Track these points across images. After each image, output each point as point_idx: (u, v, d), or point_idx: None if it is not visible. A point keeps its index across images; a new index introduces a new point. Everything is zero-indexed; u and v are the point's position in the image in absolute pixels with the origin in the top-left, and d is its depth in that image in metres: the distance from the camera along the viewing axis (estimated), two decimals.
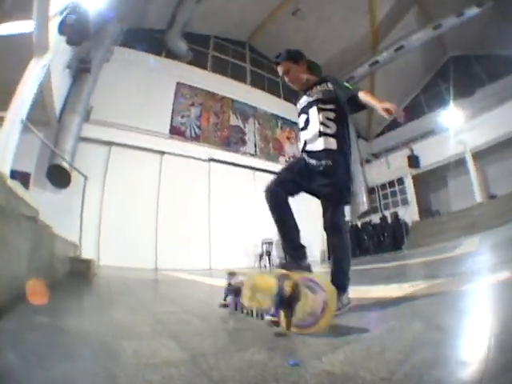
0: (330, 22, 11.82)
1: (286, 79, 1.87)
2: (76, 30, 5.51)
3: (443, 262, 4.06)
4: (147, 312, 2.26)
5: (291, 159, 1.92)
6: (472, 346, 0.95)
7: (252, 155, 10.80)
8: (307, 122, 1.80)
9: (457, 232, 8.79)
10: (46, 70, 5.33)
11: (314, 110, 1.78)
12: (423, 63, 13.58)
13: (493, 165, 11.09)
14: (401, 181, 12.63)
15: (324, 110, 1.75)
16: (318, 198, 1.81)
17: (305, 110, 1.83)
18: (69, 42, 5.77)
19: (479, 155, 10.94)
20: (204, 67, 11.33)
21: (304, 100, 1.87)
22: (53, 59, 5.52)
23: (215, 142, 10.24)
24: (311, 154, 1.76)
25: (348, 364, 0.93)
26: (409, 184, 12.27)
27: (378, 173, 13.48)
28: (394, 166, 12.83)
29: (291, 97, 9.14)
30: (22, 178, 6.48)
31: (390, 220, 11.29)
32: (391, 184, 13.05)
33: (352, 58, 11.85)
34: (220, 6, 11.04)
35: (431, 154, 11.79)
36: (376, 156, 14.49)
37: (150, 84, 9.67)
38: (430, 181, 12.83)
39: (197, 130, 10.02)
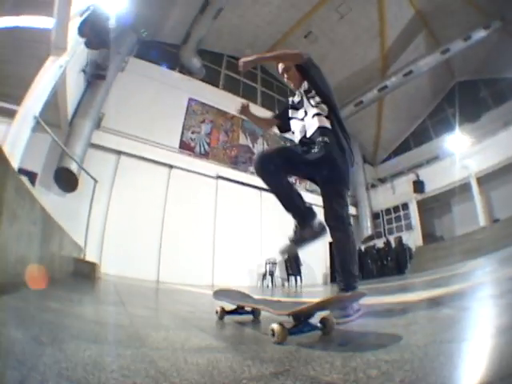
0: (341, 45, 12.07)
1: (286, 76, 1.98)
2: (96, 34, 5.50)
3: (446, 278, 4.06)
4: (164, 310, 2.21)
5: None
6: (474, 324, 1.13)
7: None
8: (305, 113, 1.88)
9: (460, 256, 8.71)
10: (63, 70, 5.24)
11: (306, 101, 1.89)
12: (431, 88, 13.77)
13: (496, 189, 11.08)
14: (405, 206, 12.63)
15: (313, 97, 1.86)
16: (317, 184, 1.81)
17: (301, 104, 1.93)
18: (88, 45, 5.75)
19: (483, 179, 10.96)
20: (216, 85, 11.52)
21: (297, 95, 2.00)
22: (69, 61, 5.43)
23: (223, 160, 10.31)
24: (308, 138, 1.80)
25: (396, 332, 1.04)
26: (413, 209, 12.27)
27: (384, 198, 13.52)
28: (399, 191, 12.86)
29: None
30: (29, 177, 6.37)
31: (393, 245, 11.25)
32: (396, 209, 13.06)
33: (362, 82, 12.03)
34: (235, 25, 11.31)
35: (436, 180, 11.85)
36: (382, 181, 14.54)
37: (163, 98, 9.79)
38: (435, 206, 12.84)
39: (206, 146, 10.10)
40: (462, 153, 11.49)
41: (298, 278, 9.57)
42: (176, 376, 0.67)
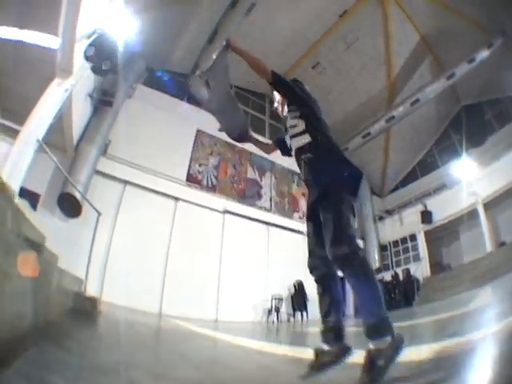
0: (348, 75, 12.14)
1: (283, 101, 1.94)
2: (103, 60, 5.31)
3: (456, 320, 3.71)
4: (169, 379, 2.14)
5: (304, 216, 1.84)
6: None
7: (267, 210, 10.80)
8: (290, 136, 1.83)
9: (467, 284, 8.60)
10: (68, 94, 5.07)
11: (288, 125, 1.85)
12: (436, 115, 13.73)
13: (503, 212, 10.92)
14: (413, 237, 12.52)
15: (290, 111, 1.83)
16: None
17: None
18: (94, 71, 5.56)
19: (490, 204, 10.83)
20: None
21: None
22: (76, 85, 5.23)
23: (231, 193, 10.28)
24: (298, 153, 1.74)
25: None
26: (421, 240, 12.15)
27: (391, 229, 13.46)
28: (407, 221, 12.80)
29: None
30: (32, 197, 6.33)
31: (401, 277, 11.12)
32: (403, 240, 12.95)
33: (369, 112, 12.06)
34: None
35: (444, 208, 11.75)
36: (389, 212, 14.49)
37: (170, 127, 9.79)
38: (443, 235, 12.71)
39: (214, 180, 10.08)
40: (468, 179, 11.38)
41: (304, 313, 9.43)
42: None
